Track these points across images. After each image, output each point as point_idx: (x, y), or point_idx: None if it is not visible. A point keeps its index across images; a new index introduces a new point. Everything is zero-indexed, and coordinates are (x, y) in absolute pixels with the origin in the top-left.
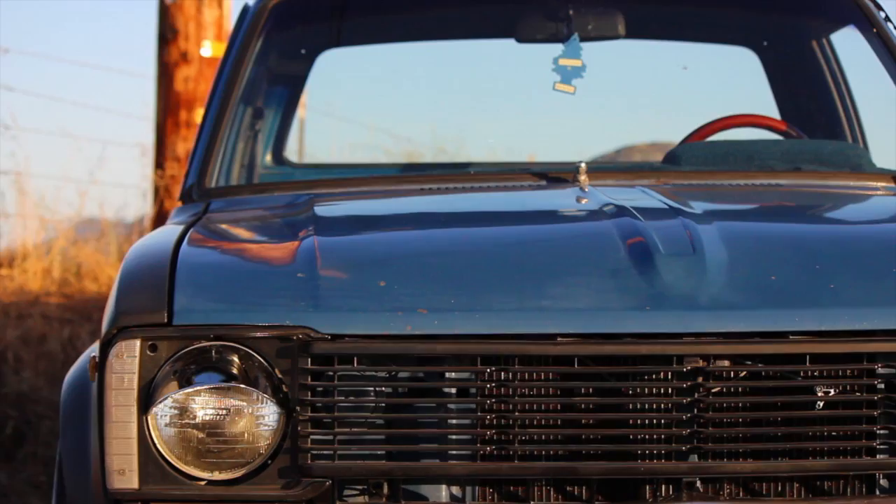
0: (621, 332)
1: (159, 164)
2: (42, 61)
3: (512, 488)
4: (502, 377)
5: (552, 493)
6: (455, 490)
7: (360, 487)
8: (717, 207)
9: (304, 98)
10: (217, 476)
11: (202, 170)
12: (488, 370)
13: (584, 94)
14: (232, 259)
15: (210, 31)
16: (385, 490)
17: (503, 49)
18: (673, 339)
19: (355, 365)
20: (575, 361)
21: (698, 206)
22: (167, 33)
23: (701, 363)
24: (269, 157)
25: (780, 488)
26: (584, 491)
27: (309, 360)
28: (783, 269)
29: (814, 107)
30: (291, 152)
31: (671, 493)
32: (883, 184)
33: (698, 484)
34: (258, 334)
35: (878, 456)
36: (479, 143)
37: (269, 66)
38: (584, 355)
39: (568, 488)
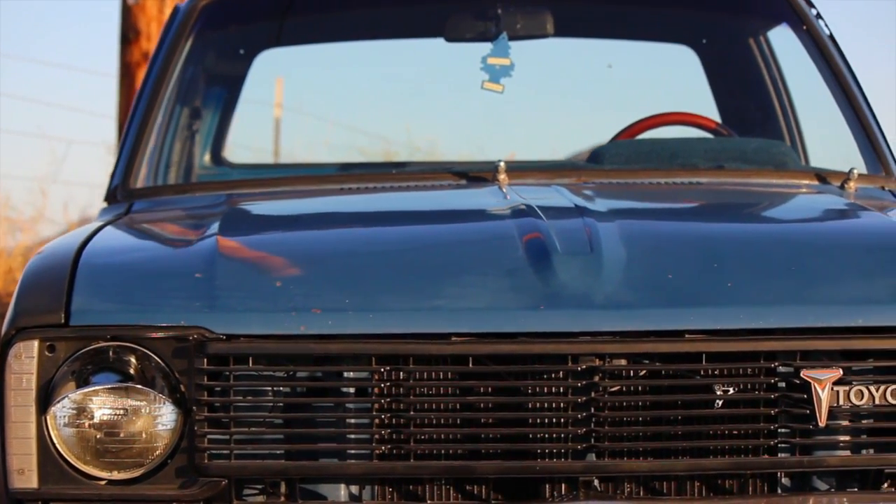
0: (516, 332)
1: None
2: (5, 60)
3: (411, 487)
4: (397, 377)
5: (451, 491)
6: (354, 489)
7: (259, 487)
8: (626, 206)
9: (280, 98)
10: (116, 476)
11: (127, 170)
12: (382, 370)
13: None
14: (133, 260)
15: None
16: (283, 489)
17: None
18: (568, 338)
19: (250, 365)
20: (470, 361)
21: (607, 205)
22: (129, 34)
23: (597, 362)
24: (207, 158)
25: (679, 487)
26: (483, 490)
27: (205, 360)
28: (681, 268)
29: (751, 104)
30: (267, 152)
31: (568, 491)
32: (806, 181)
33: (596, 483)
34: (154, 335)
35: (779, 455)
36: (454, 142)
37: (206, 67)
38: (478, 354)
39: (467, 487)
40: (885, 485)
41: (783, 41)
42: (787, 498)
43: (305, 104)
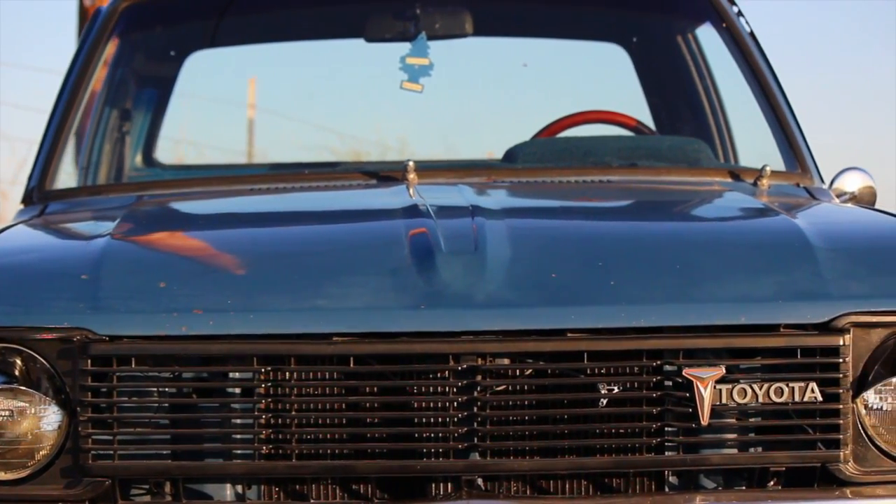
0: (397, 332)
1: None
2: None
3: (297, 487)
4: (279, 377)
5: (337, 490)
6: (239, 488)
7: (145, 487)
8: (523, 205)
9: (253, 99)
10: (1, 476)
11: (43, 172)
12: (264, 370)
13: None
14: (24, 262)
15: None
16: (168, 489)
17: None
18: (449, 337)
19: (134, 366)
20: (351, 361)
21: (505, 204)
22: None
23: (478, 361)
24: (139, 159)
25: (563, 486)
26: (368, 489)
27: (88, 361)
28: (566, 267)
29: (680, 102)
30: (240, 153)
31: (453, 490)
32: (719, 179)
33: (479, 481)
34: (39, 336)
35: (666, 453)
36: (427, 142)
37: (134, 68)
38: (359, 354)
39: (353, 486)
40: (771, 482)
41: (708, 39)
42: (672, 496)
43: (276, 104)
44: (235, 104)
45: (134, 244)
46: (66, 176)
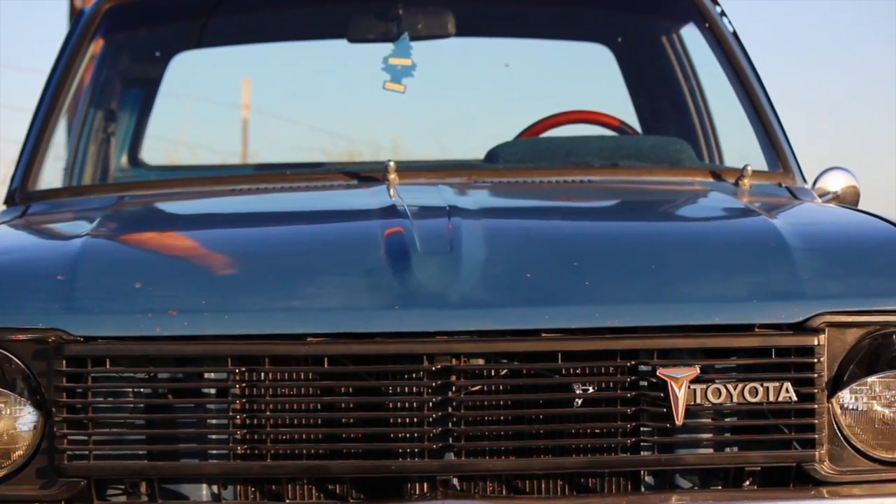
0: (371, 332)
1: None
2: None
3: (273, 487)
4: (253, 377)
5: (313, 491)
6: (215, 488)
7: (121, 487)
8: (501, 205)
9: (247, 100)
10: None
11: (26, 173)
12: (238, 370)
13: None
14: (1, 263)
15: None
16: (144, 489)
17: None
18: (423, 337)
19: (108, 367)
20: (325, 361)
21: (482, 205)
22: None
23: (453, 362)
24: (124, 159)
25: (539, 486)
26: (343, 489)
27: (63, 362)
28: (541, 267)
29: (666, 102)
30: (234, 154)
31: (428, 490)
32: (700, 179)
33: (455, 481)
34: (14, 337)
35: (642, 453)
36: (420, 142)
37: (120, 69)
38: (333, 355)
39: (329, 487)
40: (747, 482)
41: (692, 39)
42: (648, 496)
43: (267, 104)
44: (223, 105)
45: (111, 245)
46: (55, 176)
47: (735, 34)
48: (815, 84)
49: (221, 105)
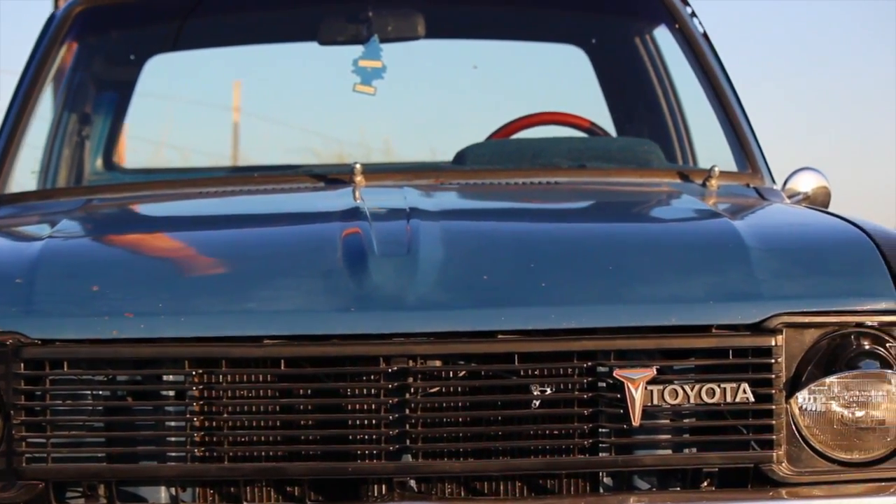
0: (328, 334)
1: None
2: None
3: (232, 489)
4: (211, 380)
5: (272, 493)
6: (174, 491)
7: (80, 490)
8: (462, 207)
9: (238, 102)
10: None
11: None
12: (195, 373)
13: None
14: None
15: None
16: (102, 492)
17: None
18: (379, 339)
19: (66, 369)
20: (282, 363)
21: (444, 207)
22: None
23: (409, 363)
24: (99, 163)
25: (496, 487)
26: (301, 491)
27: (21, 364)
28: (498, 269)
29: (639, 103)
30: (225, 156)
31: (386, 492)
32: (668, 180)
33: (412, 483)
34: None
35: (600, 454)
36: (410, 144)
37: (93, 73)
38: (290, 357)
39: (287, 489)
40: (705, 483)
41: (664, 41)
42: (606, 497)
43: (260, 107)
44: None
45: (70, 248)
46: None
47: (706, 35)
48: (792, 85)
49: (201, 106)
